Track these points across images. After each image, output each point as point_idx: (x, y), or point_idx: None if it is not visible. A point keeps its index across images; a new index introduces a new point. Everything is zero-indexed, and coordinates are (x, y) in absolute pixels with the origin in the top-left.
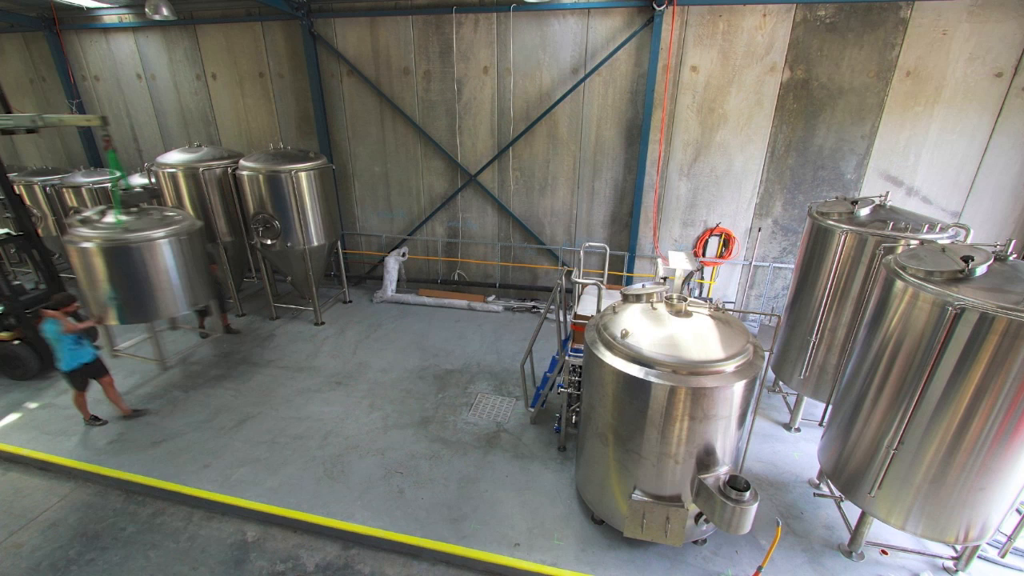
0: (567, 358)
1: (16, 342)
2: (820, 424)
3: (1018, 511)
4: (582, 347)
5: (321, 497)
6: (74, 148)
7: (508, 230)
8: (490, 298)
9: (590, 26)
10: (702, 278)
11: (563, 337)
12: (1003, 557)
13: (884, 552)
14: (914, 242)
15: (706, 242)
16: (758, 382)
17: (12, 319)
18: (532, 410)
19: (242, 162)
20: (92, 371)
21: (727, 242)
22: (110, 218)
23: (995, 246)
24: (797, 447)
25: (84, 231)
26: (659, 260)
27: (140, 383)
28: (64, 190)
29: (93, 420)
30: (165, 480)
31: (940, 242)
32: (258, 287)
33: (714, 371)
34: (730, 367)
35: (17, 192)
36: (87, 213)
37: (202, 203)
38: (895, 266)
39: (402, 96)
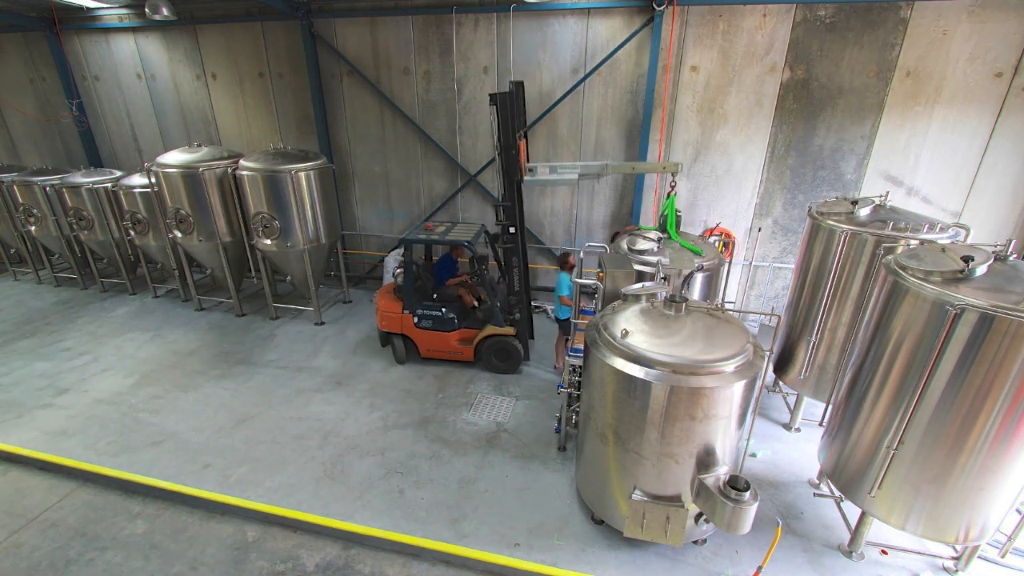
0: (567, 358)
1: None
2: (820, 424)
3: (1018, 511)
4: (582, 347)
5: (321, 497)
6: (74, 148)
7: None
8: None
9: (590, 26)
10: None
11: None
12: (1003, 557)
13: (884, 552)
14: (914, 242)
15: None
16: (758, 382)
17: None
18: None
19: (242, 162)
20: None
21: (727, 242)
22: (646, 244)
23: (995, 246)
24: (797, 447)
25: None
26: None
27: (140, 383)
28: (64, 190)
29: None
30: (165, 480)
31: (940, 242)
32: (258, 287)
33: (714, 371)
34: (730, 367)
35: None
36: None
37: (202, 203)
38: (895, 266)
39: (402, 96)
